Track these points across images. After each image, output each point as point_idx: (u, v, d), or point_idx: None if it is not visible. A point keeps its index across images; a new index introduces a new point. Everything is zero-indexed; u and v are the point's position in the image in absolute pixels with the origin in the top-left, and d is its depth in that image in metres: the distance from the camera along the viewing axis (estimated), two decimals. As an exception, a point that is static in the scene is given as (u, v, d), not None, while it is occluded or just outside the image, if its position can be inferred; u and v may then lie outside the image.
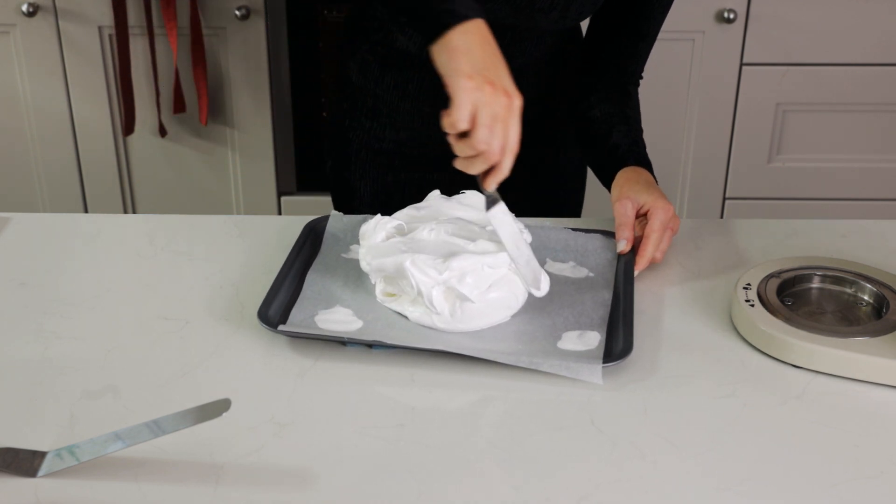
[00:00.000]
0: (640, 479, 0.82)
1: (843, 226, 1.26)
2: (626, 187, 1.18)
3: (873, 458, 0.85)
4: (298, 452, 0.85)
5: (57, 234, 1.23)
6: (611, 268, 1.12)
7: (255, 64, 2.18)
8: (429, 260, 1.00)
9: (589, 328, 1.01)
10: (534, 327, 1.02)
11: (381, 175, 1.37)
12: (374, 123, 1.34)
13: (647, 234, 1.12)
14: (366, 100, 1.34)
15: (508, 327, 1.02)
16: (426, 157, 1.36)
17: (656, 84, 2.21)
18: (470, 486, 0.81)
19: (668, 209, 1.14)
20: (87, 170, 2.30)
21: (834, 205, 2.32)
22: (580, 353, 0.97)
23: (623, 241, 1.13)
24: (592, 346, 0.98)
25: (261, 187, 2.31)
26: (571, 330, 1.01)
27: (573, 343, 0.99)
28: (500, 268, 1.01)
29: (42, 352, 0.98)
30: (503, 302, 1.01)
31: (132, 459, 0.83)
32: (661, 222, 1.13)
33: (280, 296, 1.05)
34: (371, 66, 1.32)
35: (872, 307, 1.05)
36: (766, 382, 0.95)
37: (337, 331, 0.99)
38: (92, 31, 2.15)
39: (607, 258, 1.14)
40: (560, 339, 1.00)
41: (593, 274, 1.11)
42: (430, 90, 1.30)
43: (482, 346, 0.98)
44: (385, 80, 1.31)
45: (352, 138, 1.36)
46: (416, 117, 1.33)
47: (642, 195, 1.16)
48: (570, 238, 1.18)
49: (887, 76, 2.19)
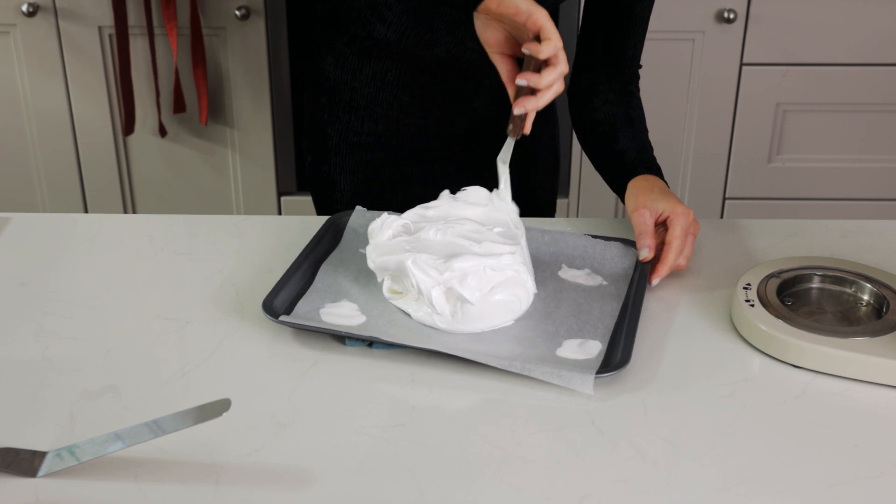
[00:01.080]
0: (640, 479, 0.82)
1: (843, 226, 1.26)
2: (642, 197, 1.17)
3: (873, 458, 0.85)
4: (298, 452, 0.85)
5: (57, 234, 1.23)
6: (625, 278, 1.11)
7: (255, 64, 2.18)
8: (430, 260, 1.00)
9: (592, 337, 1.00)
10: (535, 333, 1.01)
11: (360, 168, 1.38)
12: (352, 117, 1.35)
13: (669, 240, 1.12)
14: (343, 93, 1.35)
15: (510, 331, 1.01)
16: (405, 147, 1.37)
17: (656, 84, 2.21)
18: (470, 486, 0.81)
19: (688, 214, 1.14)
20: (87, 170, 2.30)
21: (834, 205, 2.32)
22: (577, 362, 0.96)
23: (645, 248, 1.12)
24: (591, 356, 0.97)
25: (261, 187, 2.31)
26: (574, 338, 1.00)
27: (573, 351, 0.98)
28: (504, 270, 1.00)
29: (42, 352, 0.98)
30: (506, 305, 1.01)
31: (132, 459, 0.83)
32: (683, 228, 1.12)
33: (288, 288, 1.05)
34: (348, 58, 1.33)
35: (872, 307, 1.05)
36: (766, 382, 0.95)
37: (339, 325, 1.00)
38: (92, 31, 2.15)
39: (623, 267, 1.13)
40: (560, 346, 0.99)
41: (607, 283, 1.10)
42: (409, 78, 1.32)
43: (481, 348, 0.97)
44: (363, 72, 1.32)
45: (330, 133, 1.37)
46: (394, 106, 1.34)
47: (659, 203, 1.15)
48: (588, 245, 1.16)
49: (887, 76, 2.19)
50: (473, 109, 1.36)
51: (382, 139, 1.36)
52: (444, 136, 1.37)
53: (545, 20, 1.01)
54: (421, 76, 1.32)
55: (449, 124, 1.36)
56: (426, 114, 1.35)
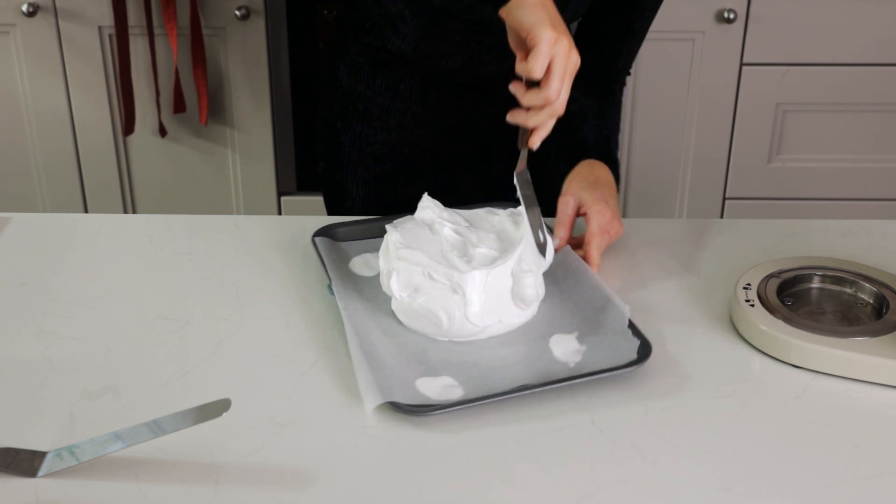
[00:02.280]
0: (640, 479, 0.82)
1: (843, 226, 1.26)
2: (574, 183, 1.16)
3: (873, 458, 0.85)
4: (298, 452, 0.85)
5: (57, 233, 1.23)
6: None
7: (255, 64, 2.18)
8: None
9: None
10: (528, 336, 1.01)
11: (372, 178, 1.37)
12: (366, 126, 1.34)
13: (588, 240, 1.11)
14: (356, 103, 1.34)
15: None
16: (418, 157, 1.36)
17: (656, 84, 2.21)
18: (470, 486, 0.81)
19: (604, 212, 1.12)
20: (87, 170, 2.29)
21: (834, 205, 2.32)
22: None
23: (557, 239, 1.12)
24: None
25: (261, 187, 2.31)
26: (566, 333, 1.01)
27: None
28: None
29: (42, 352, 0.98)
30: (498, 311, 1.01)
31: (132, 459, 0.83)
32: (599, 226, 1.12)
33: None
34: (361, 67, 1.32)
35: (872, 307, 1.05)
36: (766, 382, 0.95)
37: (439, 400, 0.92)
38: (92, 31, 2.15)
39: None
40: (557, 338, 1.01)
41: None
42: (422, 89, 1.31)
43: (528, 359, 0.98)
44: (376, 82, 1.31)
45: (343, 141, 1.36)
46: (407, 117, 1.33)
47: (584, 193, 1.14)
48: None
49: (887, 76, 2.19)
50: (489, 122, 1.34)
51: (396, 149, 1.35)
52: (458, 147, 1.36)
53: (542, 40, 0.96)
54: (435, 87, 1.30)
55: (463, 136, 1.35)
56: (440, 125, 1.33)
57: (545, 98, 0.98)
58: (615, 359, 0.95)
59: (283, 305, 1.06)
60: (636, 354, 0.95)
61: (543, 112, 0.99)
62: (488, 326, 1.00)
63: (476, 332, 0.99)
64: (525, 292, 1.00)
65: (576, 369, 0.94)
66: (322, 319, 1.04)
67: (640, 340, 0.96)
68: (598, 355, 0.96)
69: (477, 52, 1.26)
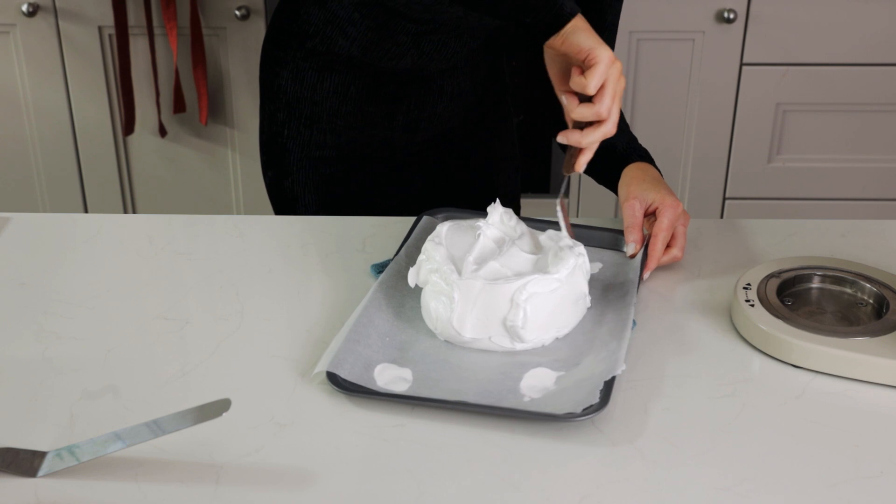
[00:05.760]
0: (640, 479, 0.82)
1: (843, 226, 1.26)
2: (634, 186, 1.17)
3: (873, 458, 0.85)
4: (298, 452, 0.85)
5: (57, 234, 1.23)
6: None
7: (255, 64, 2.18)
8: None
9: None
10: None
11: (324, 182, 1.36)
12: (314, 131, 1.33)
13: (655, 233, 1.12)
14: (303, 108, 1.32)
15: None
16: (370, 158, 1.35)
17: (656, 84, 2.21)
18: (469, 486, 0.81)
19: (677, 206, 1.14)
20: (87, 170, 2.30)
21: (834, 205, 2.32)
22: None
23: (632, 244, 1.13)
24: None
25: (261, 187, 2.31)
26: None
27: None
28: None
29: (42, 352, 0.98)
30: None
31: (132, 459, 0.83)
32: (670, 220, 1.13)
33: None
34: (307, 73, 1.30)
35: (872, 307, 1.05)
36: (766, 382, 0.95)
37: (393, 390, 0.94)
38: (92, 31, 2.15)
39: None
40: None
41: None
42: (372, 90, 1.30)
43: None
44: (323, 86, 1.30)
45: (291, 148, 1.35)
46: (358, 118, 1.32)
47: (650, 193, 1.15)
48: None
49: (887, 76, 2.19)
50: (437, 115, 1.35)
51: (346, 151, 1.34)
52: (409, 143, 1.36)
53: (602, 60, 0.98)
54: (384, 87, 1.30)
55: (413, 131, 1.35)
56: (390, 123, 1.33)
57: (597, 113, 1.00)
58: (570, 404, 0.89)
59: (283, 305, 1.06)
60: (580, 409, 0.87)
61: (598, 131, 1.01)
62: (477, 339, 0.98)
63: (463, 342, 0.99)
64: (513, 323, 0.97)
65: (529, 405, 0.90)
66: (322, 319, 1.04)
67: (601, 397, 0.88)
68: (557, 399, 0.91)
69: (427, 51, 1.26)
